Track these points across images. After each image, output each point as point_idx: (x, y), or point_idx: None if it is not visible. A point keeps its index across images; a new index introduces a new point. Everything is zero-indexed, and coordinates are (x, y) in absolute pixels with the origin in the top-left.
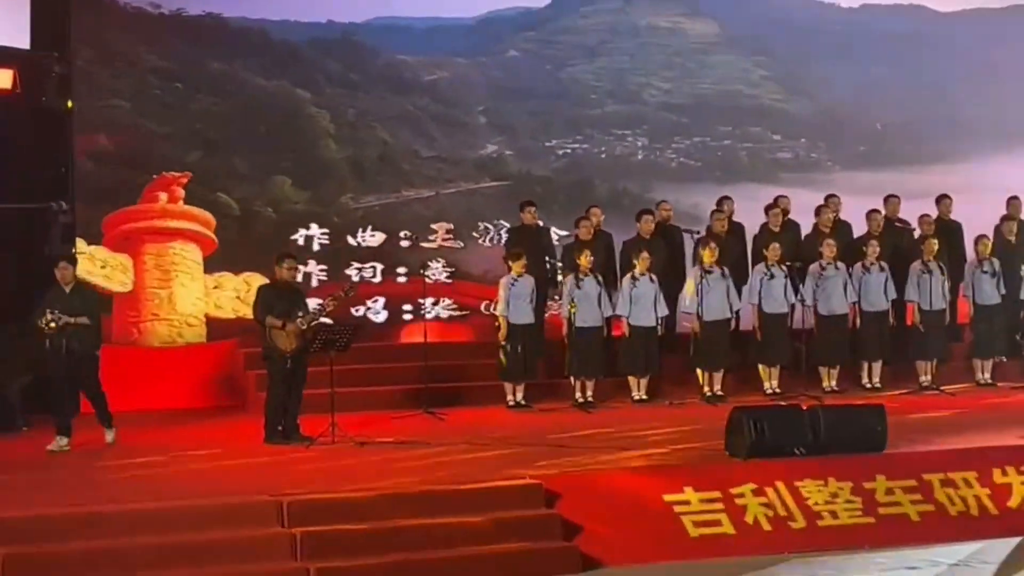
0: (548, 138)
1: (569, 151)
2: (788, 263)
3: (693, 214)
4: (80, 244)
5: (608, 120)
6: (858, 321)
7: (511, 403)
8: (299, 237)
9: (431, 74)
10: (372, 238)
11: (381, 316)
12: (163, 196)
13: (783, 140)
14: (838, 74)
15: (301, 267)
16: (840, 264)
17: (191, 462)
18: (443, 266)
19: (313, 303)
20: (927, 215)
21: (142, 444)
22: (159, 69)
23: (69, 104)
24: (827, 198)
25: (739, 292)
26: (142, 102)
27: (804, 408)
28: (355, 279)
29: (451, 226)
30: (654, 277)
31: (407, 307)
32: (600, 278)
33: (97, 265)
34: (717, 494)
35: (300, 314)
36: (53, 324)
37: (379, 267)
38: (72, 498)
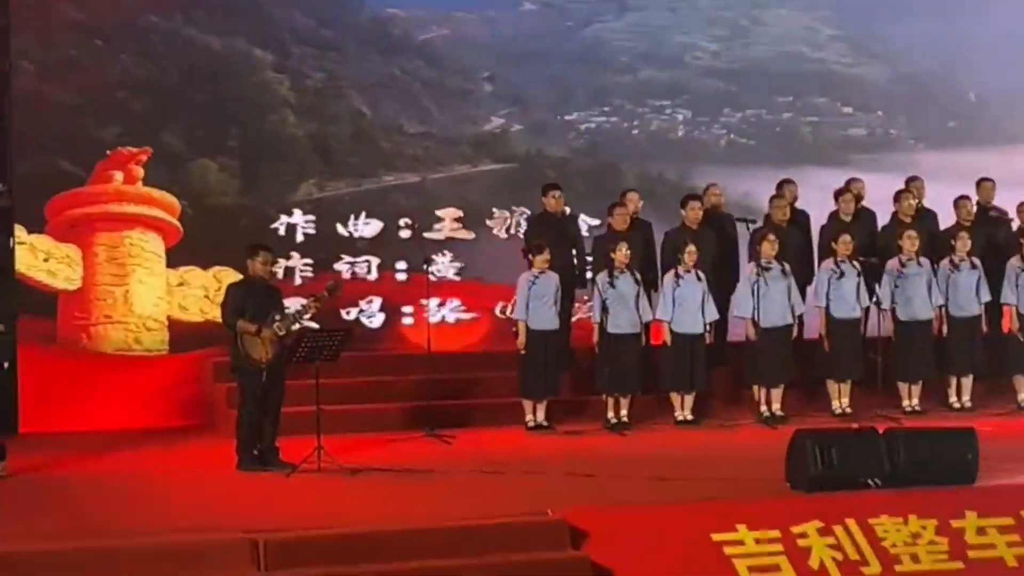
0: (567, 111)
1: (592, 126)
2: (861, 259)
3: (744, 203)
4: (19, 232)
5: (642, 89)
6: (945, 328)
7: (531, 424)
8: (280, 226)
9: (426, 31)
10: (367, 226)
11: (376, 319)
12: (118, 176)
13: (855, 113)
14: (922, 33)
15: (283, 260)
16: (924, 260)
17: (149, 492)
18: (450, 260)
19: (295, 304)
20: None
21: (91, 470)
22: (73, 23)
23: None
24: (908, 182)
25: (803, 293)
26: (50, 65)
27: (880, 432)
28: (346, 275)
29: (460, 213)
30: (702, 275)
31: (407, 309)
32: (638, 275)
33: (39, 258)
34: (776, 533)
35: (277, 317)
36: None
37: (375, 261)
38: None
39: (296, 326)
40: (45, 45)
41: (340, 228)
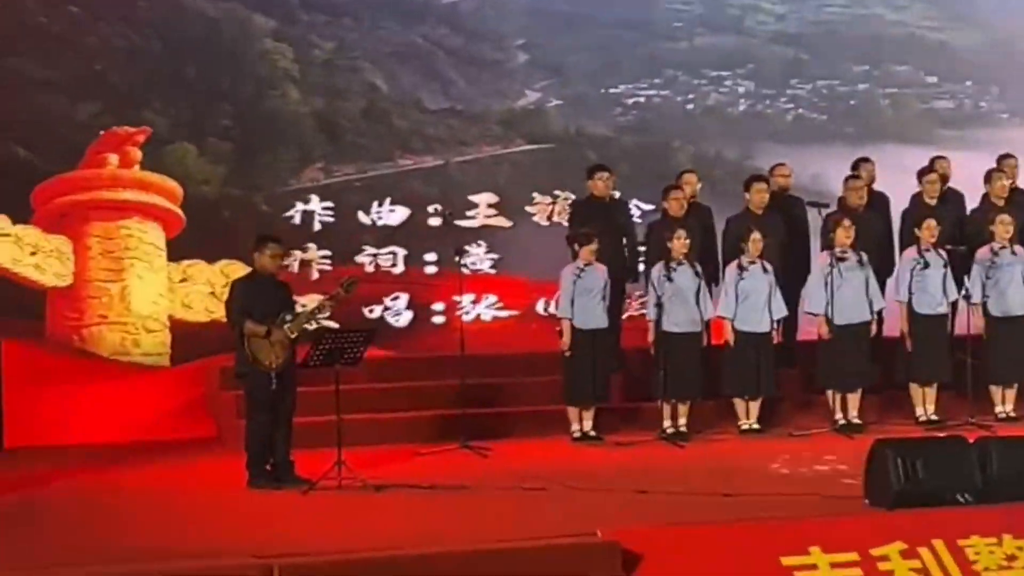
0: (612, 83)
1: (641, 100)
2: (948, 247)
3: (815, 187)
4: (3, 223)
5: (698, 58)
6: None
7: (577, 434)
8: (295, 214)
9: None
10: (392, 214)
11: (403, 318)
12: (112, 159)
13: (941, 84)
14: None
15: (298, 253)
16: (1019, 248)
17: (151, 513)
18: (485, 251)
19: (310, 303)
20: None
21: (85, 489)
22: None
23: None
24: (1000, 160)
25: (882, 286)
26: (16, 33)
27: (971, 441)
28: (369, 268)
29: (495, 198)
30: (768, 266)
31: (438, 306)
32: (698, 267)
33: (25, 251)
34: (853, 556)
35: (288, 317)
36: None
37: (400, 253)
38: None
39: (310, 327)
40: (10, 10)
41: (362, 216)
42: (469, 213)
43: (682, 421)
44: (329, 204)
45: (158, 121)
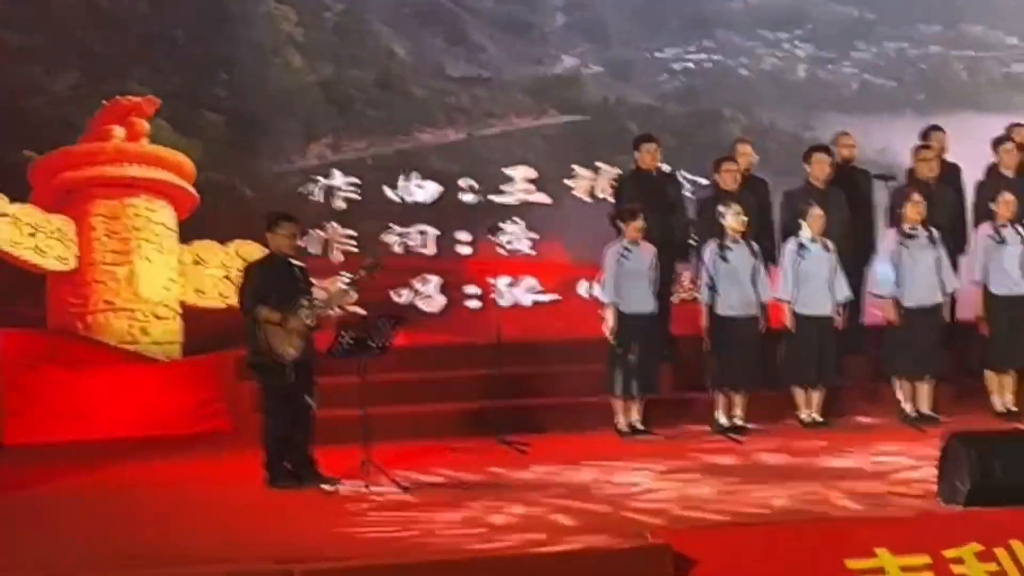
0: (657, 46)
1: (690, 65)
2: None
3: (881, 161)
4: (0, 201)
5: (752, 18)
6: None
7: (623, 427)
8: (315, 189)
9: None
10: (420, 189)
11: (434, 302)
12: (118, 131)
13: (1020, 44)
14: None
15: (319, 232)
16: None
17: (162, 515)
18: (523, 229)
19: (333, 287)
20: None
21: (90, 489)
22: None
23: None
24: None
25: (955, 265)
26: None
27: None
28: (396, 249)
29: (534, 173)
30: (830, 244)
31: (471, 290)
32: (754, 245)
33: (24, 232)
34: (925, 559)
35: (305, 303)
36: None
37: (431, 232)
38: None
39: (329, 313)
40: None
41: (389, 192)
42: (504, 188)
43: (737, 413)
44: (354, 179)
45: (144, 92)
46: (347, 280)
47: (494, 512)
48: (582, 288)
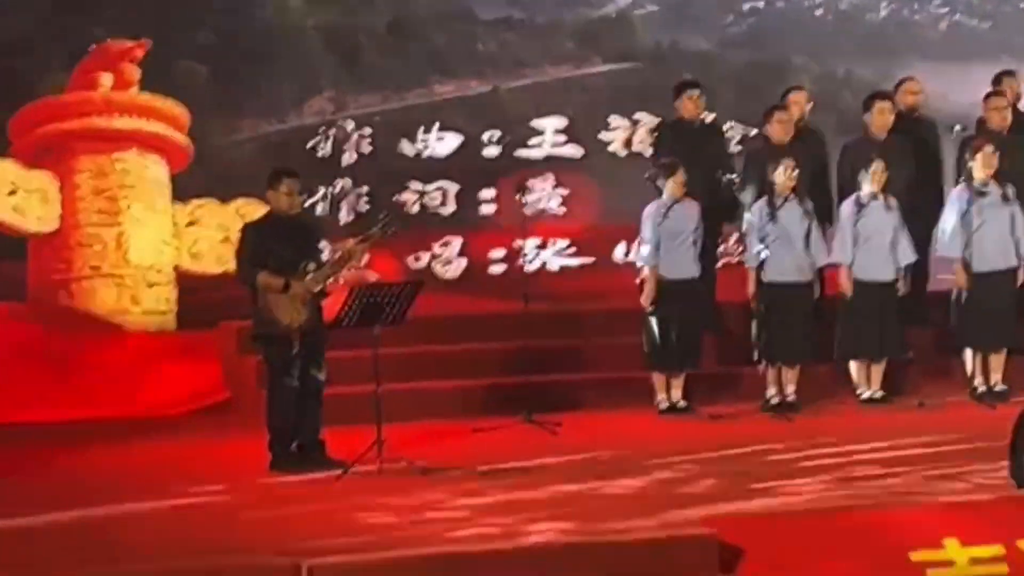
0: None
1: (759, 5)
2: None
3: (957, 111)
4: None
5: None
6: None
7: (663, 405)
8: (323, 141)
9: None
10: (440, 142)
11: (455, 267)
12: (105, 79)
13: None
14: None
15: (326, 189)
16: None
17: (159, 503)
18: (553, 186)
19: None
20: None
21: (79, 474)
22: None
23: None
24: None
25: None
26: None
27: None
28: (413, 208)
29: (564, 122)
30: (893, 201)
31: (496, 253)
32: (808, 204)
33: (3, 190)
34: (998, 549)
35: (311, 267)
36: None
37: (452, 189)
38: None
39: (339, 276)
40: None
41: (406, 145)
42: (532, 142)
43: (789, 389)
44: (366, 131)
45: (119, 38)
46: (359, 239)
47: (522, 499)
48: (618, 251)
